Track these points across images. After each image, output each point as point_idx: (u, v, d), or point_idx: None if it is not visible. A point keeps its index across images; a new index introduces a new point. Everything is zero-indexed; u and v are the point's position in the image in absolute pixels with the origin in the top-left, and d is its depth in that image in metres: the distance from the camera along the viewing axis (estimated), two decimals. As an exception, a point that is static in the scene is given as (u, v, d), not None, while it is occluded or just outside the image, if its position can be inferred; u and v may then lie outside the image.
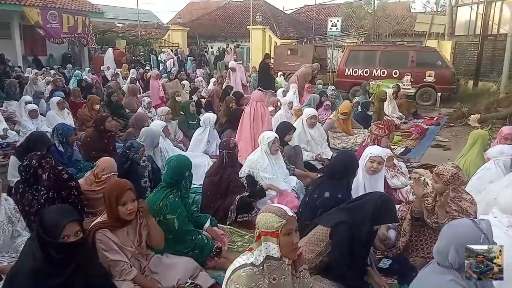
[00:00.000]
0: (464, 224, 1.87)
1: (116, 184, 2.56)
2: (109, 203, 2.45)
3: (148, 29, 29.86)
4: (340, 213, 2.73)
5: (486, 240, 1.78)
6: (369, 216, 2.59)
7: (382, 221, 2.67)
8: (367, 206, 2.63)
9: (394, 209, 2.69)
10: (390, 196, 2.78)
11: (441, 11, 23.06)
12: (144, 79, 12.87)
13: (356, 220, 2.62)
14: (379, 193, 2.80)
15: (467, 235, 1.79)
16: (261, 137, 4.43)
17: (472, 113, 9.14)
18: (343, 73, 13.28)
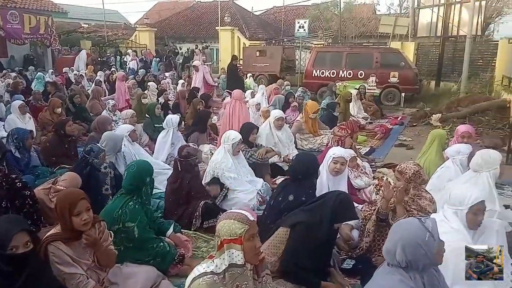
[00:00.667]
0: (410, 223, 1.90)
1: (68, 194, 2.45)
2: (62, 214, 2.34)
3: (115, 30, 29.25)
4: (300, 214, 2.75)
5: (431, 238, 1.81)
6: (328, 215, 2.62)
7: (341, 219, 2.70)
8: (326, 205, 2.66)
9: (352, 207, 2.72)
10: (348, 194, 2.81)
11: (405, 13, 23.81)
12: (110, 81, 12.56)
13: (315, 220, 2.64)
14: (337, 192, 2.82)
15: (413, 234, 1.82)
16: (225, 136, 4.42)
17: (434, 112, 9.42)
18: (310, 74, 13.44)
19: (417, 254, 1.80)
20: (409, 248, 1.80)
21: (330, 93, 10.42)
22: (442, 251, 1.89)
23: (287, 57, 17.43)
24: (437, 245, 1.83)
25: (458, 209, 2.50)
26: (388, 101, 12.27)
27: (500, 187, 4.79)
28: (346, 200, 2.70)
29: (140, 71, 15.12)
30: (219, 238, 1.91)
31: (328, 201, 2.67)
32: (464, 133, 4.58)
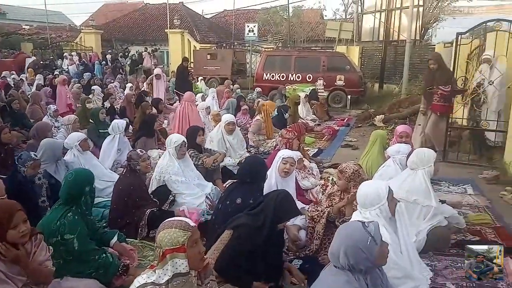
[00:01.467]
0: (353, 227, 1.94)
1: (3, 205, 2.29)
2: None
3: (59, 32, 27.96)
4: (244, 217, 2.77)
5: (373, 242, 1.85)
6: (271, 215, 2.66)
7: (284, 218, 2.74)
8: (268, 206, 2.70)
9: (292, 205, 2.77)
10: (287, 192, 2.83)
11: (349, 18, 24.71)
12: (53, 85, 11.95)
13: (258, 222, 2.67)
14: (277, 192, 2.85)
15: (355, 239, 1.86)
16: (168, 140, 4.36)
17: (378, 113, 9.86)
18: (261, 77, 13.60)
19: (359, 258, 1.83)
20: (351, 252, 1.83)
21: (280, 96, 10.61)
22: (385, 252, 1.93)
23: (238, 61, 17.53)
24: (379, 248, 1.86)
25: (380, 206, 2.56)
26: (335, 103, 12.68)
27: (437, 183, 5.12)
28: (286, 198, 2.74)
29: (85, 75, 14.56)
30: (161, 249, 1.86)
31: (269, 203, 2.71)
32: (402, 133, 4.82)
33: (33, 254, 2.33)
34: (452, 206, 4.06)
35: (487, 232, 3.87)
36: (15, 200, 2.44)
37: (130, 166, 3.82)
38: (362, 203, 2.63)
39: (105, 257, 2.82)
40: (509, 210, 4.46)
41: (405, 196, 3.45)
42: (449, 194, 4.93)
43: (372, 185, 2.69)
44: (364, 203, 2.61)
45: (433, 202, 3.44)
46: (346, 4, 27.55)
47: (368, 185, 2.73)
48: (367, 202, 2.59)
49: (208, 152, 5.09)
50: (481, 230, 3.90)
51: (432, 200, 3.44)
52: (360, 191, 2.67)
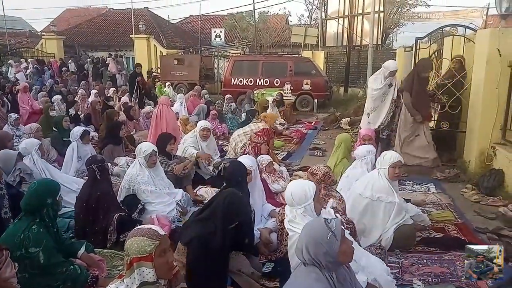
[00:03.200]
0: (315, 222, 2.02)
1: None
2: None
3: (18, 38, 26.89)
4: (194, 226, 2.75)
5: (333, 237, 1.90)
6: (221, 219, 2.66)
7: (235, 220, 2.71)
8: (217, 210, 2.70)
9: (242, 204, 2.79)
10: (235, 193, 2.83)
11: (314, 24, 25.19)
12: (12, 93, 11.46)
13: (209, 229, 2.65)
14: (225, 193, 2.83)
15: (316, 233, 1.92)
16: (137, 149, 4.28)
17: (344, 116, 10.11)
18: (229, 82, 13.63)
19: (318, 252, 1.88)
20: (311, 246, 1.89)
21: (249, 100, 10.66)
22: (348, 250, 1.97)
23: (206, 66, 17.48)
24: (339, 245, 1.90)
25: (306, 205, 2.64)
26: (302, 107, 12.89)
27: (401, 183, 5.28)
28: (234, 200, 2.73)
29: (48, 82, 14.08)
30: (128, 257, 1.83)
31: (218, 206, 2.71)
32: (365, 136, 4.94)
33: None
34: (416, 205, 4.21)
35: (450, 229, 4.03)
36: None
37: (103, 165, 3.73)
38: (289, 201, 2.71)
39: (72, 269, 2.73)
40: (469, 207, 4.67)
41: (370, 194, 3.55)
42: (413, 193, 5.11)
43: (300, 184, 2.75)
44: (291, 201, 2.68)
45: (396, 198, 3.54)
46: (310, 10, 28.15)
47: (296, 184, 2.80)
48: (294, 200, 2.67)
49: (177, 159, 5.05)
50: (445, 227, 4.06)
51: (395, 197, 3.55)
52: (288, 189, 2.74)
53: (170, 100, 10.02)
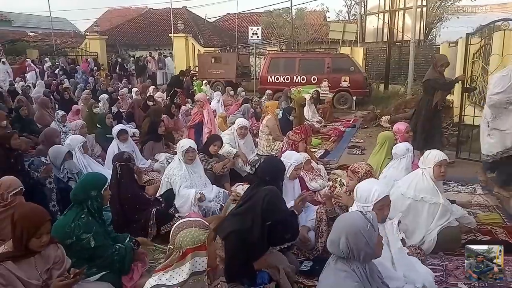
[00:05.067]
0: (353, 214, 2.04)
1: (34, 214, 2.29)
2: (21, 234, 2.20)
3: (64, 38, 28.13)
4: (232, 220, 2.77)
5: (372, 228, 1.93)
6: (259, 217, 2.67)
7: (272, 217, 2.71)
8: (255, 207, 2.71)
9: (280, 203, 2.80)
10: (275, 192, 2.82)
11: (353, 19, 24.71)
12: (59, 91, 12.04)
13: (247, 224, 2.67)
14: (265, 191, 2.82)
15: (356, 224, 1.93)
16: (178, 144, 4.41)
17: (384, 114, 9.83)
18: (265, 80, 13.62)
19: (359, 242, 1.90)
20: (351, 236, 1.90)
21: (285, 98, 10.60)
22: (381, 244, 2.00)
23: (242, 64, 17.57)
24: (376, 236, 1.95)
25: (364, 206, 2.56)
26: (340, 104, 12.67)
27: (446, 183, 5.08)
28: (273, 199, 2.73)
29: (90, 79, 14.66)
30: (181, 249, 1.87)
31: (257, 203, 2.71)
32: (407, 129, 4.84)
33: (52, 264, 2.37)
34: (461, 206, 4.05)
35: (498, 232, 3.85)
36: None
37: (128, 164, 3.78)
38: (356, 196, 2.66)
39: (119, 248, 2.86)
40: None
41: (413, 194, 3.46)
42: (458, 194, 4.91)
43: (370, 184, 2.67)
44: (357, 196, 2.66)
45: (441, 199, 3.43)
46: (349, 6, 27.60)
47: (368, 182, 2.75)
48: (357, 196, 2.65)
49: (217, 157, 5.12)
50: (492, 230, 3.88)
51: (440, 198, 3.44)
52: (360, 184, 2.72)
53: (208, 98, 10.21)
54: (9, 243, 2.29)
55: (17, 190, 3.22)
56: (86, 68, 18.75)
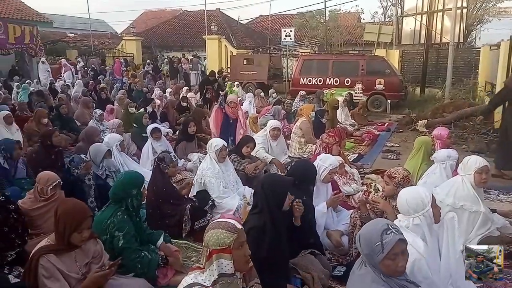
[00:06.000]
0: (378, 224, 1.98)
1: (77, 210, 2.39)
2: (64, 229, 2.30)
3: (101, 39, 29.08)
4: (250, 220, 2.73)
5: (379, 248, 1.87)
6: (267, 204, 2.61)
7: (280, 198, 2.66)
8: (261, 198, 2.67)
9: (280, 181, 2.74)
10: (271, 174, 2.93)
11: (388, 21, 24.21)
12: (96, 91, 12.44)
13: (262, 220, 2.62)
14: (261, 181, 2.79)
15: (370, 233, 1.93)
16: (209, 144, 4.45)
17: (420, 118, 9.55)
18: (297, 82, 13.55)
19: (364, 249, 1.93)
20: (362, 239, 1.95)
21: (318, 100, 10.51)
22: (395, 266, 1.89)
23: (274, 65, 17.58)
24: (382, 258, 1.87)
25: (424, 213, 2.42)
26: (374, 107, 12.42)
27: (486, 192, 4.88)
28: (270, 181, 2.72)
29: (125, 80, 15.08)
30: (208, 248, 1.89)
31: (260, 194, 2.68)
32: (449, 134, 4.72)
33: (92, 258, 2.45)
34: (503, 216, 3.88)
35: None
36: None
37: (158, 164, 3.87)
38: (405, 210, 2.48)
39: (144, 256, 2.89)
40: None
41: (452, 202, 3.36)
42: (500, 203, 4.70)
43: (413, 191, 2.56)
44: (407, 210, 2.45)
45: (481, 207, 3.32)
46: (384, 7, 27.08)
47: (409, 191, 2.60)
48: (411, 208, 2.44)
49: (249, 158, 5.13)
50: (536, 241, 3.67)
51: (480, 206, 3.32)
52: (401, 198, 2.53)
53: (240, 100, 10.27)
54: (51, 236, 2.38)
55: (55, 183, 3.36)
56: (118, 68, 19.34)
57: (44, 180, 3.36)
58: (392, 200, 3.29)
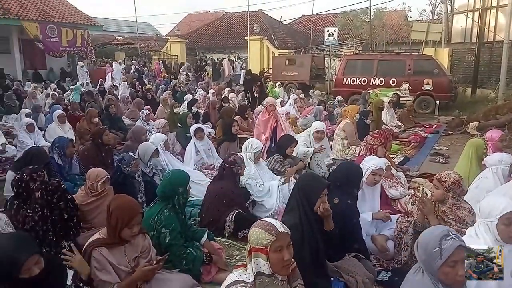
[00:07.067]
0: (436, 230, 1.94)
1: (129, 206, 2.48)
2: (116, 223, 2.39)
3: (147, 41, 30.06)
4: (284, 219, 2.67)
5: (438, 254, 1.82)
6: (301, 201, 2.60)
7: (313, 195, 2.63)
8: (294, 195, 2.67)
9: (314, 181, 2.71)
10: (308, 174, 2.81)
11: (437, 19, 23.28)
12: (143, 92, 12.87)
13: (295, 219, 2.59)
14: (299, 178, 2.83)
15: (428, 239, 1.89)
16: (247, 144, 4.46)
17: (471, 120, 9.12)
18: (341, 82, 13.32)
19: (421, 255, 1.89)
20: (420, 246, 1.91)
21: (363, 101, 10.28)
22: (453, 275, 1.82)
23: (317, 66, 17.39)
24: (440, 264, 1.82)
25: (487, 221, 2.33)
26: (422, 109, 11.98)
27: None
28: (308, 179, 2.73)
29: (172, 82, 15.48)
30: (249, 245, 1.91)
31: (294, 191, 2.70)
32: (502, 137, 4.47)
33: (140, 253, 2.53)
34: None
35: None
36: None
37: (231, 167, 3.92)
38: (480, 211, 2.43)
39: (189, 253, 2.96)
40: None
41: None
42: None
43: (495, 198, 2.47)
44: (480, 212, 2.42)
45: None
46: (433, 4, 26.12)
47: (493, 196, 2.60)
48: (480, 211, 2.40)
49: (291, 159, 5.11)
50: None
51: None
52: (484, 200, 2.49)
53: (282, 100, 10.26)
54: (103, 230, 2.49)
55: (104, 178, 3.51)
56: (158, 70, 19.91)
57: (93, 176, 3.52)
58: (442, 205, 3.16)
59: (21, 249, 1.97)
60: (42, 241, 3.02)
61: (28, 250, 1.99)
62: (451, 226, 3.02)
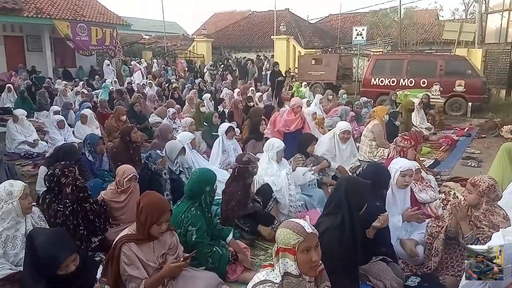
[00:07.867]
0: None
1: (158, 203, 2.51)
2: (145, 220, 2.42)
3: (174, 41, 30.45)
4: (324, 219, 2.66)
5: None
6: (346, 205, 2.55)
7: (360, 201, 2.63)
8: (340, 197, 2.60)
9: (361, 188, 2.67)
10: (352, 177, 2.82)
11: (471, 18, 22.58)
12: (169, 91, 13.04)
13: (337, 221, 2.55)
14: (342, 181, 2.74)
15: None
16: (269, 144, 4.45)
17: (505, 123, 8.83)
18: (369, 82, 13.09)
19: None
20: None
21: (390, 102, 10.07)
22: None
23: (344, 65, 17.17)
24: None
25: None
26: (453, 111, 11.63)
27: None
28: (354, 183, 2.67)
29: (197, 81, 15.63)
30: (276, 245, 1.90)
31: (340, 197, 2.61)
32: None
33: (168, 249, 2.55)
34: None
35: None
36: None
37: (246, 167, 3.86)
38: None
39: (216, 251, 2.97)
40: None
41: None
42: None
43: None
44: None
45: None
46: (466, 4, 25.35)
47: None
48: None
49: (313, 157, 5.05)
50: None
51: None
52: None
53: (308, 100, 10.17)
54: (133, 226, 2.53)
55: (131, 175, 3.57)
56: (181, 69, 20.14)
57: (121, 172, 3.59)
58: (475, 210, 3.05)
59: (61, 247, 2.02)
60: (73, 236, 3.09)
61: (67, 249, 2.03)
62: (484, 232, 2.93)
